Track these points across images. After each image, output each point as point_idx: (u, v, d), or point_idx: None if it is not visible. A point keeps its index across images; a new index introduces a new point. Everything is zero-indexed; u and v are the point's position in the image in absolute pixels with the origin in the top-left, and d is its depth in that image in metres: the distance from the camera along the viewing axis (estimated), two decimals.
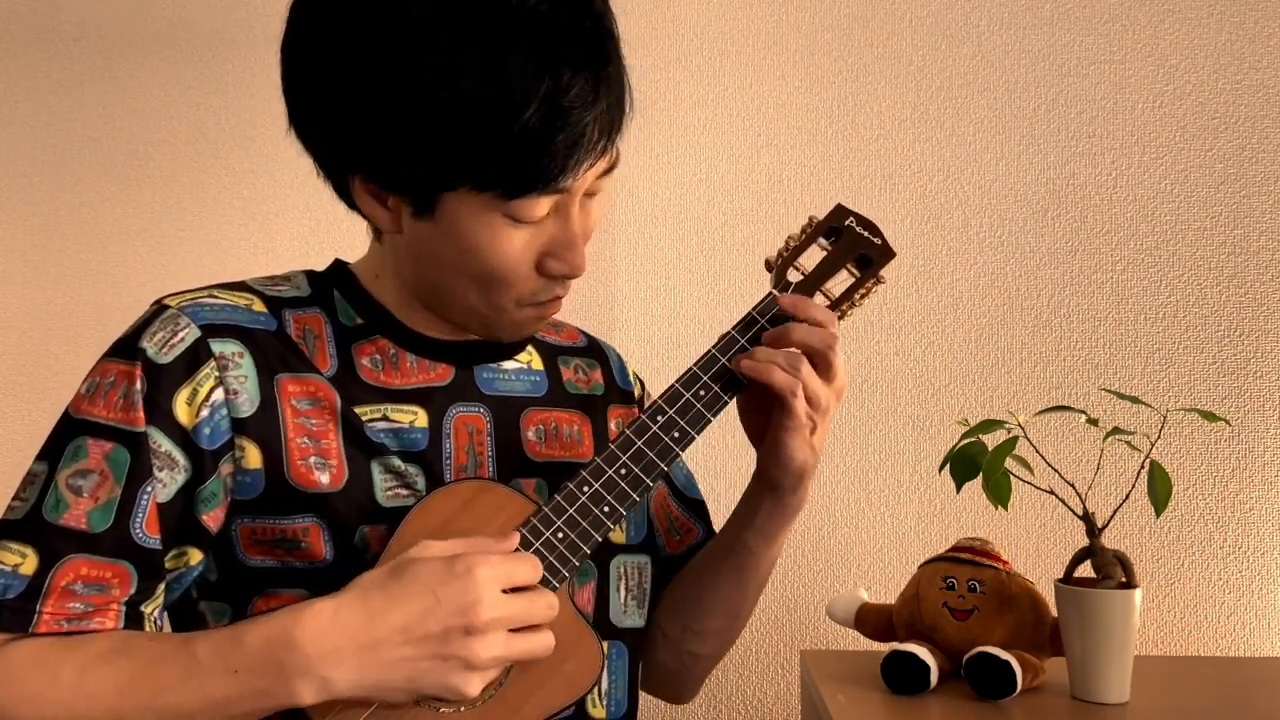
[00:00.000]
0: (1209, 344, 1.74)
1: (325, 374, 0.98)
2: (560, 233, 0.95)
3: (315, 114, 0.97)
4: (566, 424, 1.09)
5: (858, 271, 1.07)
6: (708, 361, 1.02)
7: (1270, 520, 1.73)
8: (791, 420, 1.00)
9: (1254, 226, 1.75)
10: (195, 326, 0.95)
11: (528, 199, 0.91)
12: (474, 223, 0.93)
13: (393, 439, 0.98)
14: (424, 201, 0.93)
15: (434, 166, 0.91)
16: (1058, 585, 1.35)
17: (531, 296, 0.98)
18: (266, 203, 1.76)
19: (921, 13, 1.77)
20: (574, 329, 1.20)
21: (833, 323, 1.02)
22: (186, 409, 0.92)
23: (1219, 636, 1.73)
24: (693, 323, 1.77)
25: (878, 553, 1.75)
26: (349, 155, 0.95)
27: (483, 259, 0.94)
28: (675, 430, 0.99)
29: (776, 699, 1.76)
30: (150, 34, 1.76)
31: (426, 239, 0.96)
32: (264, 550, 0.95)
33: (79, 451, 0.92)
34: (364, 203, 0.97)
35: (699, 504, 1.23)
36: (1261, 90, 1.75)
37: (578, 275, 0.97)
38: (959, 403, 1.75)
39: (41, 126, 1.76)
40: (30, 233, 1.76)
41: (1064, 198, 1.76)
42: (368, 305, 1.03)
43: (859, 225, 1.07)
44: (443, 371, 1.03)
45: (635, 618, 1.10)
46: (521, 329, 1.02)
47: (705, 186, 1.77)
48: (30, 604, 0.88)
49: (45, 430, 0.96)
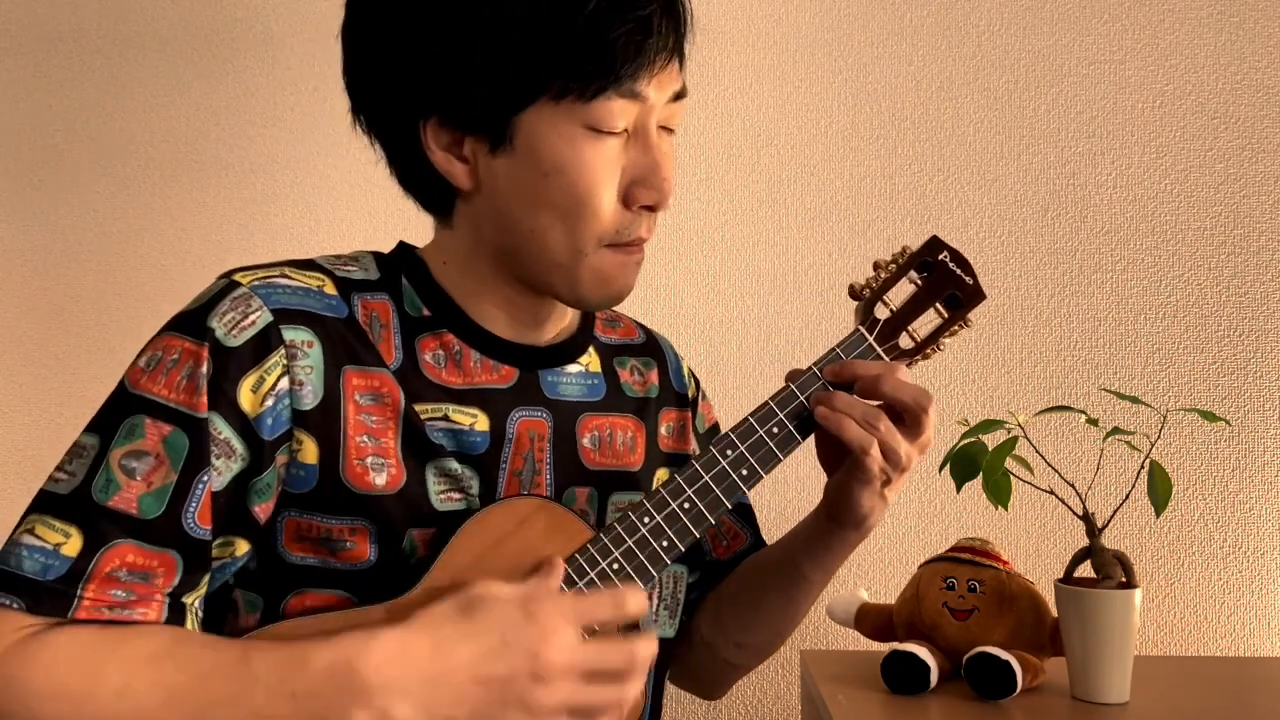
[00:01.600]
0: (1209, 344, 1.74)
1: (390, 367, 0.95)
2: (643, 157, 0.94)
3: (381, 62, 0.95)
4: (621, 430, 1.06)
5: (946, 312, 1.01)
6: (785, 398, 0.97)
7: (1270, 520, 1.73)
8: (863, 474, 0.96)
9: (1254, 226, 1.75)
10: (267, 310, 0.90)
11: (604, 100, 0.90)
12: (555, 138, 0.91)
13: (450, 440, 0.95)
14: (499, 131, 0.92)
15: (505, 83, 0.90)
16: (1058, 585, 1.35)
17: (615, 234, 0.94)
18: (266, 203, 1.76)
19: (921, 13, 1.77)
20: (632, 322, 1.17)
21: (903, 372, 0.96)
22: (251, 397, 0.89)
23: (1219, 636, 1.73)
24: (693, 323, 1.77)
25: (878, 553, 1.75)
26: (418, 98, 0.93)
27: (567, 178, 0.92)
28: (744, 468, 0.96)
29: (776, 699, 1.76)
30: (150, 34, 1.76)
31: (506, 177, 0.94)
32: (307, 547, 0.92)
33: (135, 430, 0.87)
34: (439, 158, 0.95)
35: (747, 509, 1.20)
36: (1261, 90, 1.75)
37: (666, 203, 0.95)
38: (959, 403, 1.75)
39: (41, 126, 1.76)
40: (30, 233, 1.76)
41: (1064, 198, 1.76)
42: (435, 295, 0.99)
43: (953, 262, 1.01)
44: (506, 373, 1.00)
45: (667, 628, 1.08)
46: (605, 281, 0.97)
47: (705, 186, 1.77)
48: (71, 588, 0.83)
49: (45, 430, 0.95)
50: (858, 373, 0.96)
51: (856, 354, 0.99)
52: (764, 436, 0.96)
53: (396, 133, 0.97)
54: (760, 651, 1.16)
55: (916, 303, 1.01)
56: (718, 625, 1.14)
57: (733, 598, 1.14)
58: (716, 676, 1.19)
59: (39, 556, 0.84)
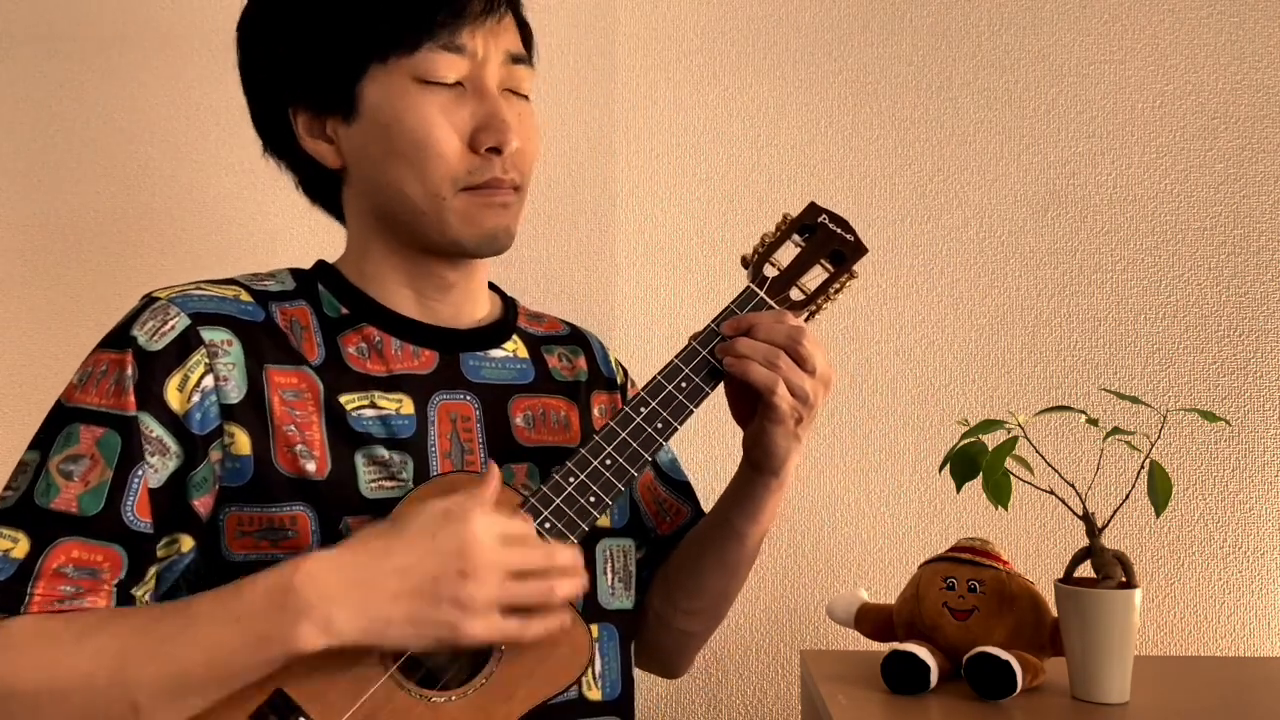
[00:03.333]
0: (1209, 344, 1.74)
1: (312, 363, 1.00)
2: (479, 106, 1.01)
3: (251, 67, 1.07)
4: (553, 410, 1.11)
5: (831, 267, 1.10)
6: (689, 354, 1.04)
7: (1270, 520, 1.73)
8: (774, 414, 1.02)
9: (1254, 226, 1.75)
10: (185, 315, 0.96)
11: (426, 52, 0.98)
12: (391, 95, 0.99)
13: (380, 426, 1.00)
14: (348, 102, 1.01)
15: (339, 54, 0.99)
16: (1058, 585, 1.35)
17: (467, 176, 1.01)
18: (266, 203, 1.76)
19: (921, 13, 1.77)
20: (555, 319, 1.22)
21: (787, 317, 1.03)
22: (178, 395, 0.94)
23: (1219, 636, 1.73)
24: (692, 323, 1.76)
25: (878, 553, 1.75)
26: (283, 90, 1.03)
27: (405, 127, 0.99)
28: (658, 421, 1.02)
29: (776, 699, 1.76)
30: (150, 34, 1.76)
31: (362, 143, 1.02)
32: (249, 542, 0.95)
33: (70, 438, 0.93)
34: (309, 144, 1.04)
35: (685, 485, 1.26)
36: (1261, 90, 1.75)
37: (507, 145, 1.01)
38: (959, 403, 1.75)
39: (41, 126, 1.76)
40: (30, 233, 1.76)
41: (1064, 198, 1.76)
42: (351, 294, 1.05)
43: (831, 222, 1.10)
44: (427, 359, 1.05)
45: (623, 600, 1.12)
46: (472, 222, 1.03)
47: (705, 186, 1.77)
48: (21, 586, 0.88)
49: None
50: (750, 321, 1.04)
51: (750, 308, 1.06)
52: (673, 391, 1.03)
53: (279, 136, 1.07)
54: (708, 615, 1.22)
55: (801, 261, 1.10)
56: (666, 597, 1.20)
57: (678, 567, 1.20)
58: (675, 650, 1.25)
59: None
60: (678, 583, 1.19)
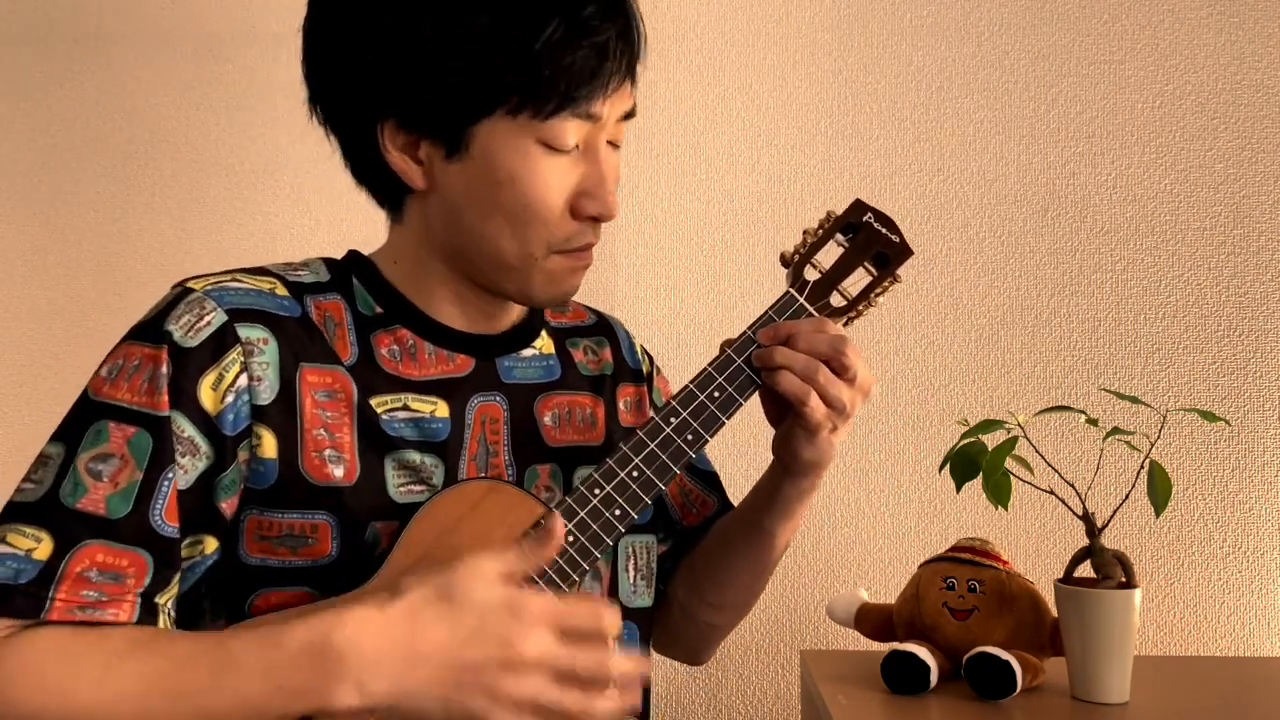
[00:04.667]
0: (1209, 344, 1.74)
1: (345, 363, 0.97)
2: (591, 171, 0.97)
3: (344, 61, 0.97)
4: (580, 407, 1.09)
5: (875, 270, 1.06)
6: (723, 362, 1.01)
7: (1270, 520, 1.73)
8: (805, 423, 1.00)
9: (1254, 226, 1.75)
10: (221, 310, 0.93)
11: (558, 119, 0.94)
12: (509, 151, 0.94)
13: (413, 429, 0.98)
14: (455, 139, 0.95)
15: (464, 95, 0.93)
16: (1058, 585, 1.35)
17: (564, 241, 0.98)
18: (266, 203, 1.76)
19: (921, 13, 1.77)
20: (581, 307, 1.19)
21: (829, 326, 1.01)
22: (212, 394, 0.91)
23: (1219, 636, 1.73)
24: (693, 323, 1.77)
25: (878, 553, 1.75)
26: (378, 99, 0.96)
27: (518, 189, 0.95)
28: (689, 433, 0.98)
29: (776, 699, 1.76)
30: (150, 34, 1.76)
31: (459, 182, 0.97)
32: (266, 547, 0.93)
33: (100, 435, 0.90)
34: (394, 158, 0.97)
35: (712, 476, 1.24)
36: (1261, 90, 1.75)
37: (611, 216, 0.98)
38: (959, 403, 1.75)
39: (41, 126, 1.76)
40: (30, 233, 1.76)
41: (1064, 198, 1.76)
42: (386, 293, 1.02)
43: (878, 222, 1.06)
44: (462, 363, 1.02)
45: (645, 597, 1.11)
46: (555, 283, 1.00)
47: (705, 186, 1.77)
48: (43, 590, 0.85)
49: (45, 430, 0.95)
50: (788, 330, 1.00)
51: (789, 314, 1.02)
52: (705, 401, 0.99)
53: (354, 129, 1.00)
54: (735, 609, 1.20)
55: (844, 263, 1.05)
56: (692, 588, 1.18)
57: (704, 560, 1.18)
58: (697, 640, 1.24)
59: (11, 563, 0.86)
60: (705, 576, 1.17)
